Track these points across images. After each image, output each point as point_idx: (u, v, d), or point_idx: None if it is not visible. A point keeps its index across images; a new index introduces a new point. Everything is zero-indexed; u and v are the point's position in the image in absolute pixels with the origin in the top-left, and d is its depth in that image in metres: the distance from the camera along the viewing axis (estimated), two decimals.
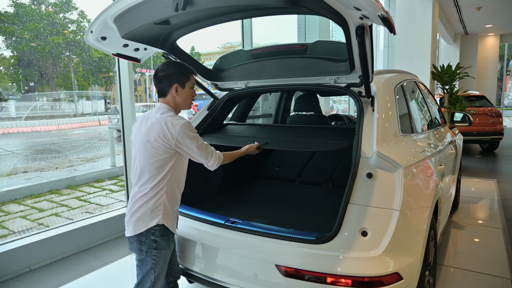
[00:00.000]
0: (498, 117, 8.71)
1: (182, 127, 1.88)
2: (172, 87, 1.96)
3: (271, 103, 6.45)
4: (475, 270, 3.10)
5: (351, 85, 2.31)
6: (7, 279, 3.12)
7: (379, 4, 1.50)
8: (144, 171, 1.91)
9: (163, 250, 1.94)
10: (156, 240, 1.91)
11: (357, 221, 1.84)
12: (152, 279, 1.94)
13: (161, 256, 1.94)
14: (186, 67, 2.01)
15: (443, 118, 4.17)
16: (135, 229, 1.90)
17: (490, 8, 10.77)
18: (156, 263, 1.93)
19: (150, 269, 1.93)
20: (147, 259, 1.93)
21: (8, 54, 9.89)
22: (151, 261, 1.92)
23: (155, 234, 1.90)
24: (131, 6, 1.84)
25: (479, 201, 5.20)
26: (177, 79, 1.96)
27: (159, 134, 1.87)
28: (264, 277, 1.95)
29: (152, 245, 1.91)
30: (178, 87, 1.97)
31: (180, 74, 1.97)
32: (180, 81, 1.97)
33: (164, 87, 1.97)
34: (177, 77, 1.96)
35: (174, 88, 1.96)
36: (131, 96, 4.14)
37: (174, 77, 1.96)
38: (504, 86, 25.21)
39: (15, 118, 9.43)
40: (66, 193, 6.48)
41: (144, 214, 1.89)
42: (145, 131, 1.92)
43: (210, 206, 2.77)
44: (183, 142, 1.89)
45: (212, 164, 2.03)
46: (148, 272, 1.94)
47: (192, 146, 1.91)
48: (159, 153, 1.88)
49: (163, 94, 1.99)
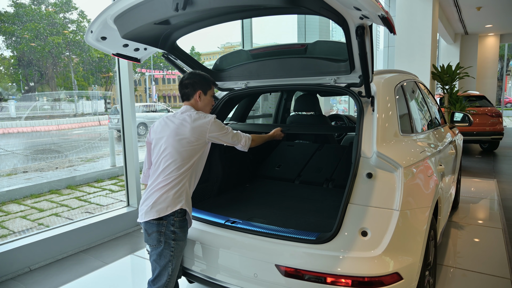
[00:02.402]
0: (498, 117, 8.71)
1: (215, 120, 2.13)
2: (196, 92, 2.19)
3: (271, 103, 6.45)
4: (475, 270, 3.10)
5: (351, 85, 2.31)
6: (7, 279, 3.12)
7: (379, 4, 1.50)
8: (173, 161, 2.03)
9: (180, 242, 2.03)
10: (175, 231, 1.98)
11: (357, 221, 1.84)
12: (169, 272, 2.00)
13: (178, 247, 2.02)
14: (210, 78, 2.26)
15: (443, 118, 4.17)
16: (159, 212, 1.96)
17: (490, 8, 10.77)
18: (174, 255, 2.00)
19: (168, 262, 1.99)
20: (165, 252, 1.99)
21: (8, 54, 9.89)
22: (169, 253, 1.99)
23: (174, 225, 1.98)
24: (131, 6, 1.84)
25: (479, 201, 5.20)
26: (201, 86, 2.20)
27: (194, 127, 2.06)
28: (264, 277, 1.95)
29: (171, 236, 1.98)
30: (201, 93, 2.19)
31: (204, 82, 2.21)
32: (203, 88, 2.20)
33: (188, 92, 2.19)
34: (201, 85, 2.20)
35: (198, 94, 2.19)
36: (131, 96, 4.14)
37: (198, 84, 2.19)
38: (504, 86, 25.22)
39: (15, 118, 9.44)
40: (66, 193, 6.48)
41: (169, 198, 1.98)
42: (175, 127, 2.09)
43: (210, 206, 2.77)
44: (217, 133, 2.13)
45: (244, 143, 2.28)
46: (166, 265, 2.00)
47: (226, 136, 2.18)
48: (190, 144, 2.05)
49: (187, 98, 2.21)
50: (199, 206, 2.64)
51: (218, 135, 2.14)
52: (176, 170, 2.02)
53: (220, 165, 3.14)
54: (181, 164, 2.03)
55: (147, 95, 32.92)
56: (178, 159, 2.03)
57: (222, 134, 2.16)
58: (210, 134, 2.11)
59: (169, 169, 2.03)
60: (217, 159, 3.12)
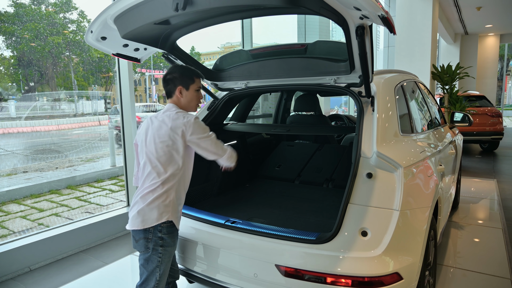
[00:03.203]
0: (498, 117, 8.71)
1: (195, 121, 1.95)
2: (176, 88, 2.03)
3: (271, 103, 6.45)
4: (475, 270, 3.10)
5: (351, 85, 2.31)
6: (7, 279, 3.12)
7: (379, 4, 1.50)
8: (154, 167, 1.94)
9: (168, 248, 1.97)
10: (162, 237, 1.93)
11: (357, 221, 1.84)
12: (157, 278, 1.95)
13: (166, 253, 1.97)
14: (192, 71, 2.08)
15: (443, 118, 4.17)
16: (144, 223, 1.90)
17: (490, 8, 10.77)
18: (162, 261, 1.95)
19: (155, 267, 1.94)
20: (153, 257, 1.94)
21: (8, 54, 9.89)
22: (157, 258, 1.94)
23: (162, 232, 1.93)
24: (131, 6, 1.84)
25: (479, 201, 5.20)
26: (182, 81, 2.03)
27: (172, 129, 1.93)
28: (264, 277, 1.95)
29: (159, 242, 1.93)
30: (182, 89, 2.04)
31: (185, 76, 2.04)
32: (184, 83, 2.04)
33: (170, 89, 2.05)
34: (182, 79, 2.03)
35: (178, 90, 2.03)
36: (131, 96, 4.14)
37: (179, 79, 2.03)
38: (504, 86, 25.21)
39: (15, 118, 9.44)
40: (66, 193, 6.48)
41: (154, 209, 1.90)
42: (156, 128, 1.98)
43: (210, 206, 2.77)
44: (197, 137, 1.94)
45: (229, 157, 2.04)
46: (154, 270, 1.95)
47: (207, 141, 1.97)
48: (169, 148, 1.93)
49: (169, 95, 2.07)
50: (199, 206, 2.64)
51: (198, 139, 1.94)
52: (158, 176, 1.92)
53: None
54: (163, 171, 1.92)
55: (147, 95, 32.91)
56: (159, 165, 1.93)
57: (202, 138, 1.94)
58: (190, 137, 1.93)
59: (152, 176, 1.94)
60: None
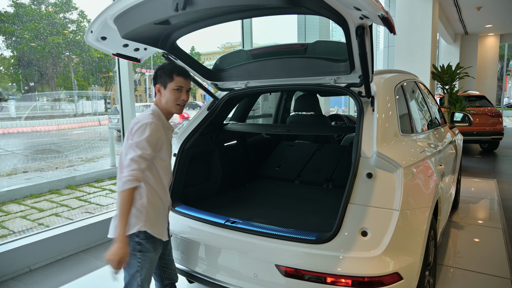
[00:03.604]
0: (498, 117, 8.71)
1: (146, 124, 1.80)
2: (155, 87, 1.95)
3: (271, 103, 6.45)
4: (475, 270, 3.10)
5: (351, 85, 2.31)
6: (7, 279, 3.12)
7: (379, 4, 1.50)
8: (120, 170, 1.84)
9: (148, 253, 1.87)
10: (140, 242, 1.85)
11: (357, 221, 1.84)
12: (138, 282, 1.88)
13: (146, 259, 1.87)
14: (171, 68, 1.93)
15: (443, 118, 4.17)
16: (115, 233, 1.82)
17: (490, 8, 10.77)
18: (142, 266, 1.87)
19: (136, 272, 1.87)
20: (132, 261, 1.86)
21: (8, 54, 9.90)
22: (136, 263, 1.86)
23: (139, 237, 1.84)
24: (131, 6, 1.84)
25: (479, 201, 5.20)
26: (160, 79, 1.94)
27: (130, 129, 1.85)
28: (264, 277, 1.95)
29: (137, 248, 1.85)
30: (160, 88, 1.94)
31: (163, 74, 1.93)
32: (162, 81, 1.93)
33: (154, 87, 1.97)
34: (160, 77, 1.94)
35: (157, 88, 1.94)
36: (131, 96, 4.14)
37: (158, 77, 1.95)
38: (504, 86, 25.21)
39: (15, 118, 9.44)
40: (66, 193, 6.48)
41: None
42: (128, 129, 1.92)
43: (210, 206, 2.77)
44: (133, 136, 1.79)
45: (121, 177, 1.73)
46: (134, 274, 1.88)
47: (129, 150, 1.77)
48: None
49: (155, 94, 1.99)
50: (199, 206, 2.64)
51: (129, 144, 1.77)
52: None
53: (220, 165, 3.14)
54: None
55: (147, 95, 32.90)
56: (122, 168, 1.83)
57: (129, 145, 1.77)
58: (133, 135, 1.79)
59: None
60: (217, 159, 3.12)
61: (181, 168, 2.63)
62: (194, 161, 2.78)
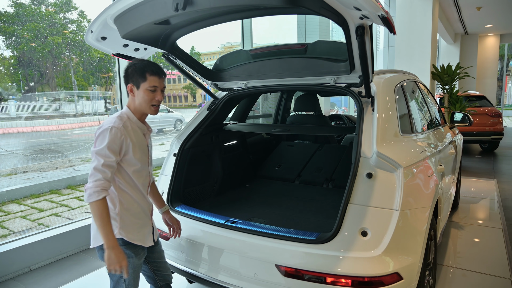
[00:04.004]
0: (498, 117, 8.71)
1: (108, 130, 1.71)
2: (127, 87, 1.82)
3: (271, 103, 6.45)
4: (475, 270, 3.10)
5: (351, 85, 2.31)
6: (7, 279, 3.12)
7: (379, 4, 1.50)
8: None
9: (129, 259, 1.81)
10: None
11: (357, 221, 1.84)
12: None
13: (129, 264, 1.79)
14: (143, 66, 1.79)
15: (443, 118, 4.18)
16: (93, 242, 1.82)
17: (490, 8, 10.77)
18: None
19: (119, 278, 1.82)
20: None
21: (8, 54, 9.90)
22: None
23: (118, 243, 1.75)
24: (131, 6, 1.84)
25: (479, 201, 5.20)
26: (132, 78, 1.80)
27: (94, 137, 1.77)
28: (264, 277, 1.95)
29: None
30: (132, 87, 1.81)
31: (135, 73, 1.78)
32: (135, 80, 1.79)
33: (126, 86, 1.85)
34: (132, 76, 1.80)
35: (129, 88, 1.82)
36: None
37: (130, 76, 1.81)
38: (504, 86, 25.20)
39: (15, 118, 9.43)
40: (66, 193, 6.48)
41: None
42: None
43: (210, 206, 2.77)
44: (95, 143, 1.71)
45: (86, 188, 1.64)
46: (118, 280, 1.83)
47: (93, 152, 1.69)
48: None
49: (127, 94, 1.86)
50: (199, 206, 2.64)
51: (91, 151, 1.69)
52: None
53: (220, 165, 3.14)
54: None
55: None
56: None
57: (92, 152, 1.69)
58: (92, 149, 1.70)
59: None
60: (217, 159, 3.12)
61: (181, 168, 2.63)
62: (194, 161, 2.78)
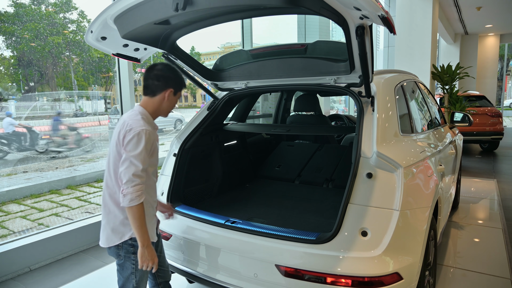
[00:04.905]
0: (498, 117, 8.70)
1: (141, 132, 1.73)
2: (167, 90, 1.87)
3: (271, 103, 6.45)
4: (475, 270, 3.10)
5: (351, 85, 2.31)
6: (7, 279, 3.12)
7: (379, 4, 1.50)
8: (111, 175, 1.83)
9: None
10: (133, 244, 1.84)
11: (357, 221, 1.84)
12: (133, 284, 1.87)
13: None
14: (182, 78, 1.95)
15: (443, 118, 4.18)
16: (108, 242, 1.84)
17: (490, 8, 10.77)
18: (136, 268, 1.85)
19: (130, 274, 1.86)
20: (126, 264, 1.87)
21: (8, 54, 9.90)
22: (131, 265, 1.86)
23: (132, 239, 1.83)
24: (131, 6, 1.84)
25: (479, 201, 5.20)
26: (175, 84, 1.90)
27: (120, 134, 1.78)
28: (264, 277, 1.95)
29: (130, 250, 1.85)
30: (171, 93, 1.89)
31: (178, 81, 1.91)
32: (176, 87, 1.90)
33: (157, 86, 1.86)
34: (175, 83, 1.90)
35: (168, 92, 1.88)
36: (131, 96, 4.14)
37: (173, 81, 1.89)
38: (504, 86, 25.20)
39: (15, 118, 9.44)
40: (66, 193, 6.49)
41: (117, 226, 1.82)
42: (115, 131, 1.85)
43: (210, 206, 2.77)
44: (127, 147, 1.73)
45: (126, 193, 1.68)
46: (129, 277, 1.87)
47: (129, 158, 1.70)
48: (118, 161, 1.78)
49: (152, 92, 1.87)
50: (199, 206, 2.64)
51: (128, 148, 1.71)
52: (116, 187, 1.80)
53: (220, 165, 3.14)
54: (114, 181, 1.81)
55: None
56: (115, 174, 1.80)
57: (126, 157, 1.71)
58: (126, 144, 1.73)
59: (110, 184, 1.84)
60: (217, 159, 3.12)
61: (181, 168, 2.63)
62: (194, 161, 2.78)
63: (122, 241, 1.83)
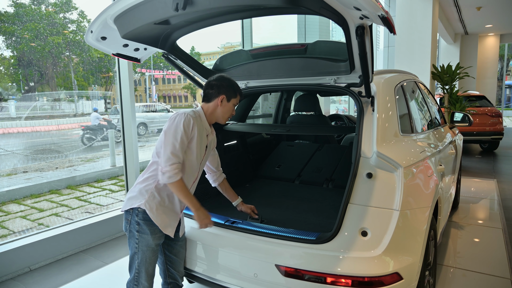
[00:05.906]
0: (498, 117, 8.70)
1: (180, 115, 1.92)
2: (219, 96, 2.06)
3: (271, 103, 6.45)
4: (475, 270, 3.10)
5: (351, 85, 2.31)
6: (7, 279, 3.12)
7: (379, 4, 1.50)
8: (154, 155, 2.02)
9: (145, 235, 1.95)
10: (139, 222, 1.94)
11: (357, 221, 1.84)
12: (136, 266, 1.97)
13: (143, 241, 1.95)
14: (238, 88, 2.14)
15: (443, 118, 4.18)
16: (125, 206, 2.00)
17: (490, 8, 10.77)
18: (139, 248, 1.96)
19: (134, 254, 1.98)
20: (131, 241, 1.98)
21: (8, 54, 9.90)
22: (134, 244, 1.96)
23: (138, 216, 1.94)
24: (131, 6, 1.84)
25: (479, 201, 5.20)
26: (227, 91, 2.08)
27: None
28: (264, 277, 1.95)
29: (135, 227, 1.95)
30: (224, 99, 2.07)
31: (231, 88, 2.09)
32: (228, 94, 2.08)
33: (211, 94, 2.08)
34: (227, 90, 2.08)
35: (221, 98, 2.07)
36: (131, 96, 4.14)
37: (225, 88, 2.07)
38: (504, 86, 25.19)
39: (15, 118, 9.44)
40: (66, 193, 6.49)
41: (134, 194, 1.98)
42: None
43: (210, 206, 2.76)
44: (166, 127, 1.91)
45: (165, 172, 1.86)
46: (133, 256, 1.99)
47: (164, 142, 1.89)
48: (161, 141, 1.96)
49: (207, 99, 2.10)
50: None
51: (168, 128, 1.90)
52: (150, 166, 2.02)
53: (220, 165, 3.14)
54: (153, 162, 2.01)
55: (147, 95, 32.93)
56: (153, 155, 2.02)
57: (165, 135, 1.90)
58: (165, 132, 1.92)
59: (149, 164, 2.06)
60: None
61: None
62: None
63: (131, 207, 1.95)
